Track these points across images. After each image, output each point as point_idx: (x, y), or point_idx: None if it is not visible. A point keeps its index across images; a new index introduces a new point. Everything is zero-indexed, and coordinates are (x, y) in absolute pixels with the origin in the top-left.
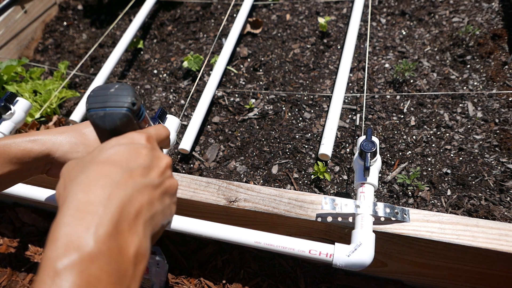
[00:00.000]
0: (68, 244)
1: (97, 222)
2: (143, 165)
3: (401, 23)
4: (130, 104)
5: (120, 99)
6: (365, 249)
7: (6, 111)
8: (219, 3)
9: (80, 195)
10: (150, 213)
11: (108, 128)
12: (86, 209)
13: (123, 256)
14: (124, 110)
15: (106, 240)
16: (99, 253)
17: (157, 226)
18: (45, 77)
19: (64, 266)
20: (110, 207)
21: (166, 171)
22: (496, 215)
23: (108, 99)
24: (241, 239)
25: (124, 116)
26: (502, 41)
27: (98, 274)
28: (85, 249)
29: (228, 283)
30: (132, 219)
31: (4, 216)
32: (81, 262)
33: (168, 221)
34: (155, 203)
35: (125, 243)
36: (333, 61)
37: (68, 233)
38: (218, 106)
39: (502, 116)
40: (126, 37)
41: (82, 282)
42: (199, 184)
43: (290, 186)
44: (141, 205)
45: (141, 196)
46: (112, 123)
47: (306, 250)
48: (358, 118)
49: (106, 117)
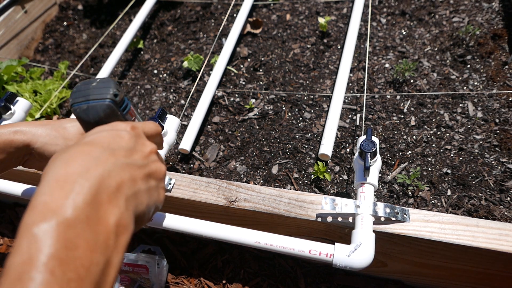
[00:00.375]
0: (45, 211)
1: (75, 191)
2: (125, 147)
3: (401, 23)
4: (112, 96)
5: (102, 91)
6: (365, 249)
7: (6, 111)
8: (219, 3)
9: (59, 169)
10: (133, 190)
11: (93, 121)
12: (65, 180)
13: (103, 225)
14: (107, 101)
15: (85, 208)
16: (77, 219)
17: (141, 205)
18: (45, 77)
19: (41, 230)
20: (89, 179)
21: (150, 155)
22: (496, 215)
23: (91, 93)
24: (241, 239)
25: (107, 108)
26: (502, 41)
27: (76, 239)
28: (62, 215)
29: (228, 283)
30: (113, 192)
31: (4, 216)
32: (58, 227)
33: (156, 205)
34: (138, 182)
35: (105, 214)
36: (333, 61)
37: (46, 201)
38: (218, 106)
39: (502, 116)
40: (126, 37)
41: (59, 245)
42: (199, 184)
43: (290, 186)
44: (122, 180)
45: (122, 172)
46: (96, 115)
47: (306, 250)
48: (358, 118)
49: (90, 109)
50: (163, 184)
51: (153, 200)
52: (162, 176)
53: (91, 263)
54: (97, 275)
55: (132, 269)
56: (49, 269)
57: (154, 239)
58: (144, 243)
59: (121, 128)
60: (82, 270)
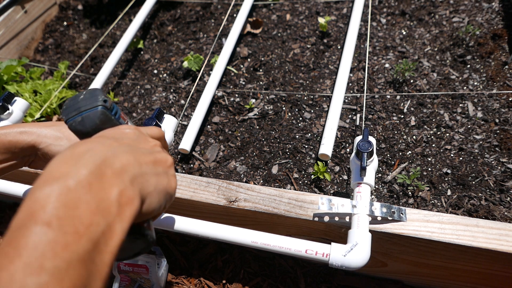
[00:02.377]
0: (49, 178)
1: (80, 163)
2: (131, 139)
3: (401, 23)
4: (102, 102)
5: (91, 100)
6: (361, 249)
7: (4, 111)
8: (219, 3)
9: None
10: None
11: (90, 130)
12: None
13: (105, 193)
14: (99, 108)
15: (88, 176)
16: (79, 184)
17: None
18: (45, 77)
19: (43, 193)
20: (94, 155)
21: (155, 147)
22: (496, 215)
23: (81, 105)
24: (237, 239)
25: (101, 114)
26: (502, 41)
27: (76, 201)
28: (65, 181)
29: (228, 283)
30: (117, 169)
31: (4, 216)
32: (60, 190)
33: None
34: (144, 166)
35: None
36: (333, 61)
37: (50, 171)
38: (218, 106)
39: (502, 116)
40: (126, 37)
41: (59, 204)
42: (199, 184)
43: (290, 186)
44: (128, 161)
45: (127, 154)
46: (92, 123)
47: (303, 250)
48: (358, 118)
49: (85, 120)
50: (172, 171)
51: (163, 184)
52: (169, 164)
53: (90, 223)
54: (97, 235)
55: (132, 269)
56: (46, 221)
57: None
58: None
59: (124, 128)
60: (80, 227)
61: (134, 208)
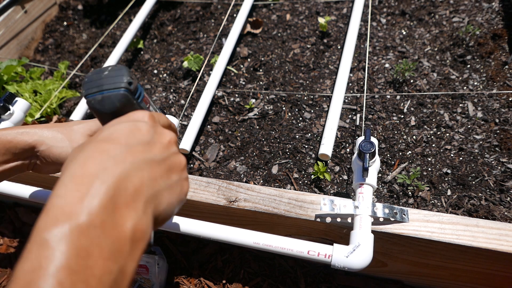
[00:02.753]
0: (59, 215)
1: (91, 194)
2: (144, 141)
3: (401, 23)
4: (127, 84)
5: (116, 80)
6: (364, 250)
7: (5, 112)
8: (219, 3)
9: (76, 169)
10: (152, 191)
11: (108, 111)
12: (81, 181)
13: (118, 231)
14: (121, 91)
15: (100, 212)
16: (91, 225)
17: (161, 205)
18: (45, 77)
19: (53, 237)
20: (106, 180)
21: (170, 146)
22: (496, 215)
23: (104, 82)
24: (239, 240)
25: (123, 97)
26: (502, 41)
27: (89, 247)
28: (76, 220)
29: (228, 283)
30: (130, 195)
31: (4, 216)
32: (71, 233)
33: (180, 199)
34: (158, 180)
35: (121, 218)
36: (333, 61)
37: (60, 204)
38: (218, 106)
39: (502, 116)
40: (126, 37)
41: (71, 254)
42: (199, 184)
43: (290, 186)
44: (141, 182)
45: (141, 172)
46: (111, 105)
47: (305, 251)
48: (358, 118)
49: (105, 100)
50: (185, 174)
51: (175, 196)
52: (183, 167)
53: (103, 272)
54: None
55: None
56: (58, 280)
57: (154, 239)
58: None
59: (138, 119)
60: (93, 281)
61: (145, 241)
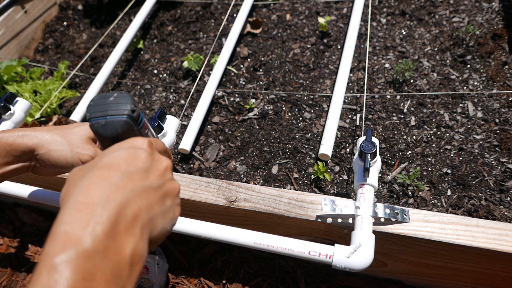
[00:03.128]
0: (66, 241)
1: (95, 221)
2: (142, 168)
3: (401, 23)
4: (130, 111)
5: (120, 107)
6: (365, 250)
7: (6, 112)
8: (219, 3)
9: (80, 196)
10: (149, 216)
11: (110, 136)
12: (85, 209)
13: (119, 256)
14: (124, 117)
15: (103, 239)
16: (95, 251)
17: (156, 229)
18: (45, 77)
19: (61, 261)
20: (108, 208)
21: (166, 173)
22: (496, 215)
23: (108, 108)
24: (240, 240)
25: (125, 124)
26: (502, 41)
27: (93, 270)
28: (82, 246)
29: (228, 283)
30: (130, 221)
31: (4, 216)
32: (78, 258)
33: (172, 223)
34: (154, 207)
35: (122, 244)
36: (333, 61)
37: (66, 231)
38: (218, 106)
39: (502, 116)
40: (126, 37)
41: (77, 277)
42: (199, 184)
43: (290, 186)
44: (139, 208)
45: (139, 199)
46: (113, 130)
47: (306, 251)
48: (358, 118)
49: (108, 125)
50: (178, 200)
51: (168, 220)
52: (176, 193)
53: None
54: None
55: None
56: None
57: None
58: None
59: (138, 145)
60: None
61: (142, 264)
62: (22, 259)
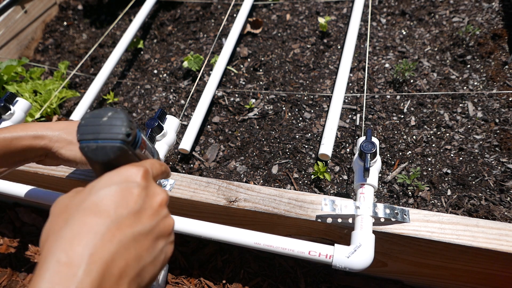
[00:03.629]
0: None
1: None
2: (134, 210)
3: (401, 23)
4: (125, 136)
5: (113, 129)
6: (365, 250)
7: (6, 112)
8: (219, 3)
9: (60, 254)
10: (137, 269)
11: (101, 162)
12: (67, 272)
13: None
14: (118, 143)
15: None
16: None
17: (144, 280)
18: (45, 77)
19: None
20: (92, 269)
21: (160, 210)
22: (496, 215)
23: (101, 130)
24: (240, 240)
25: (118, 150)
26: (502, 41)
27: None
28: None
29: (228, 283)
30: (115, 280)
31: (4, 216)
32: None
33: (163, 265)
34: (144, 256)
35: None
36: (333, 61)
37: None
38: (218, 106)
39: (502, 116)
40: (126, 37)
41: None
42: (199, 184)
43: (290, 186)
44: (127, 263)
45: (127, 252)
46: (105, 157)
47: (306, 251)
48: (358, 118)
49: (99, 150)
50: (171, 238)
51: (159, 265)
52: (170, 231)
53: None
54: None
55: None
56: None
57: None
58: None
59: (131, 179)
60: None
61: None
62: (22, 259)
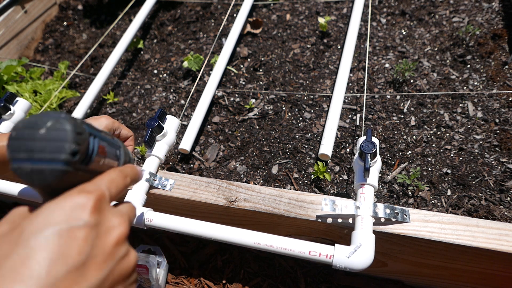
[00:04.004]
0: None
1: None
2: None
3: (401, 23)
4: (69, 156)
5: (53, 147)
6: (365, 250)
7: (6, 112)
8: (219, 3)
9: None
10: None
11: (38, 187)
12: None
13: None
14: (60, 165)
15: None
16: None
17: None
18: (45, 77)
19: None
20: None
21: (117, 250)
22: (496, 215)
23: (37, 146)
24: (240, 240)
25: (61, 173)
26: (502, 41)
27: None
28: None
29: (228, 283)
30: None
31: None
32: None
33: None
34: None
35: None
36: (333, 61)
37: None
38: (218, 106)
39: (502, 116)
40: (126, 37)
41: None
42: (199, 184)
43: (290, 186)
44: None
45: None
46: (43, 182)
47: (306, 251)
48: (358, 118)
49: (34, 173)
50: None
51: None
52: (130, 272)
53: None
54: None
55: None
56: None
57: (154, 239)
58: (144, 243)
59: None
60: None
61: None
62: None
